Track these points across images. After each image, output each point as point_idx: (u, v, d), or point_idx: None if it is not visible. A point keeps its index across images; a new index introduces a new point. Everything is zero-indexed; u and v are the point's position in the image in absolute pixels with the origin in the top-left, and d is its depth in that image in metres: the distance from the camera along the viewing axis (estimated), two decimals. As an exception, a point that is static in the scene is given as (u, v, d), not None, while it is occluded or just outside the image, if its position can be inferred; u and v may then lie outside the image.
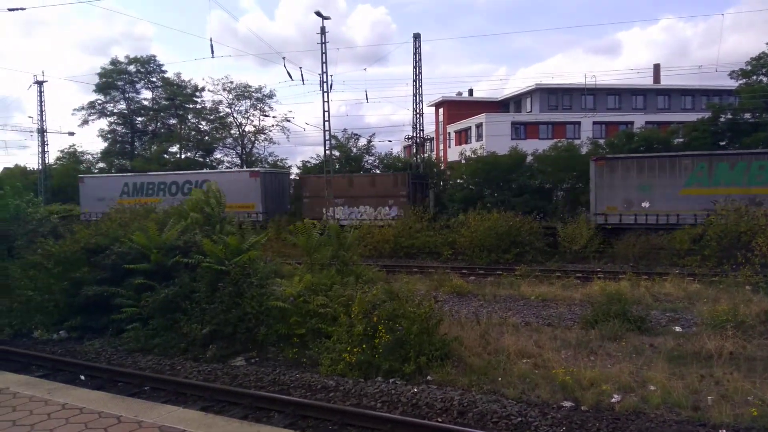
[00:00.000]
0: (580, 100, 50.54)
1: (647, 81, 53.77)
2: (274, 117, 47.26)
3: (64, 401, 6.31)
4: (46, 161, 51.51)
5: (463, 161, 37.39)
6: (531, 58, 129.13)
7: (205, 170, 40.86)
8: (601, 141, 35.38)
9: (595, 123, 47.00)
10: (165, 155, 46.22)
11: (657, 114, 49.26)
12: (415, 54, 36.04)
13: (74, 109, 68.13)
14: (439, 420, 7.21)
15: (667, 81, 53.98)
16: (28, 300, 12.36)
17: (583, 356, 9.54)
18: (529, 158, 31.68)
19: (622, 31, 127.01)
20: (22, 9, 27.45)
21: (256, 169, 35.20)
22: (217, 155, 48.56)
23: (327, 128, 29.57)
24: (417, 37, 36.14)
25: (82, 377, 9.40)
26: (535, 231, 22.47)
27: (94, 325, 11.83)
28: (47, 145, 48.72)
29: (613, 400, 7.66)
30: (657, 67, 55.45)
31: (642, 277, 16.74)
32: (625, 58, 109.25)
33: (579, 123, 47.41)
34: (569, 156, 29.36)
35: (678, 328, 11.63)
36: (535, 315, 13.25)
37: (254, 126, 47.45)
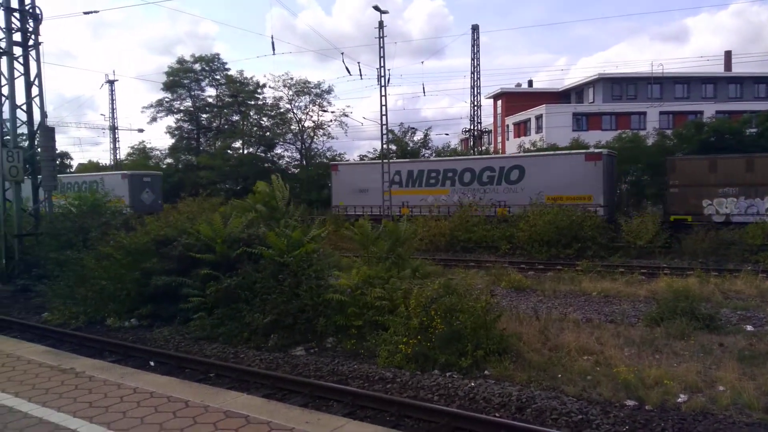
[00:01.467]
0: (645, 90, 48.84)
1: (718, 69, 51.36)
2: (332, 112, 47.72)
3: (135, 385, 6.64)
4: (118, 157, 53.88)
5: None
6: (593, 47, 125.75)
7: (515, 153, 35.26)
8: (669, 132, 34.13)
9: (662, 113, 45.34)
10: (228, 151, 47.46)
11: (728, 103, 47.03)
12: (473, 46, 35.76)
13: (143, 107, 70.99)
14: (497, 415, 7.18)
15: (738, 68, 51.58)
16: (102, 289, 12.93)
17: (647, 354, 9.29)
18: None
19: (690, 17, 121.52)
20: (95, 12, 28.66)
21: (596, 150, 27.04)
22: (278, 150, 49.51)
23: (384, 122, 29.69)
24: (475, 28, 35.86)
25: (152, 363, 9.82)
26: (598, 225, 21.96)
27: (163, 314, 12.32)
28: (118, 141, 50.98)
29: (679, 399, 7.43)
30: (728, 54, 52.97)
31: (711, 274, 16.14)
32: (693, 45, 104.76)
33: (645, 113, 45.88)
34: (634, 147, 28.45)
35: (750, 327, 11.17)
36: (597, 311, 12.97)
37: (313, 121, 48.10)
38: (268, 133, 49.01)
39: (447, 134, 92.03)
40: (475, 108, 36.92)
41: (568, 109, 49.27)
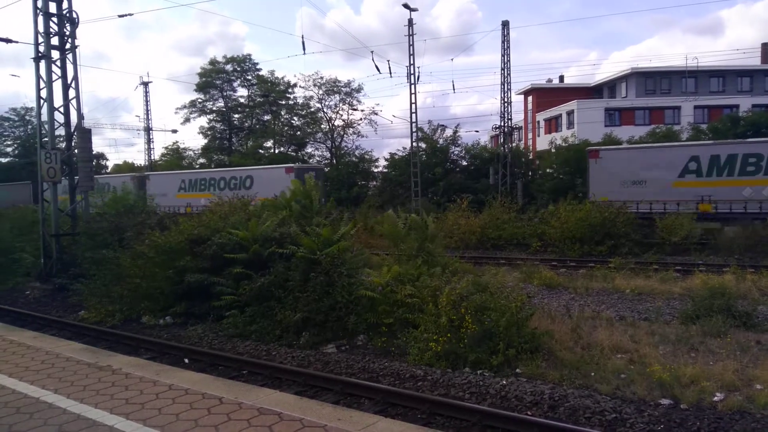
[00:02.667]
0: (679, 84, 47.81)
1: (754, 61, 49.96)
2: (362, 111, 47.88)
3: (170, 382, 6.77)
4: (152, 157, 54.96)
5: (552, 150, 36.38)
6: (625, 41, 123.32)
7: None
8: (704, 126, 33.40)
9: (696, 107, 44.31)
10: (260, 150, 48.02)
11: (765, 96, 45.75)
12: (503, 42, 35.39)
13: (177, 108, 72.24)
14: (529, 413, 7.12)
15: (776, 61, 50.00)
16: (137, 288, 13.17)
17: (682, 353, 9.10)
18: (624, 145, 30.37)
19: (725, 9, 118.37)
20: (130, 15, 29.19)
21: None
22: (308, 149, 49.89)
23: (414, 120, 29.65)
24: (505, 24, 35.46)
25: (186, 360, 9.98)
26: (631, 222, 21.58)
27: (196, 312, 12.51)
28: (152, 142, 51.97)
29: (715, 398, 7.27)
30: (765, 47, 51.45)
31: (748, 271, 15.72)
32: (728, 37, 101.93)
33: (679, 108, 44.87)
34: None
35: (790, 325, 10.84)
36: (631, 309, 12.76)
37: (343, 120, 48.33)
38: (298, 133, 49.43)
39: (477, 131, 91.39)
40: (505, 104, 36.55)
41: (600, 104, 48.53)
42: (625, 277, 15.96)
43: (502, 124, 36.79)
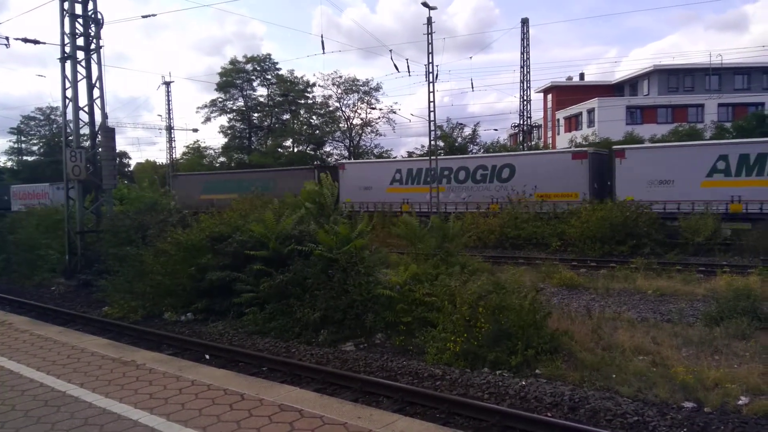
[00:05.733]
0: (703, 81, 47.15)
1: (780, 58, 49.06)
2: (380, 109, 47.99)
3: (193, 378, 6.85)
4: (173, 156, 55.58)
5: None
6: (646, 38, 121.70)
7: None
8: (728, 124, 32.89)
9: (720, 105, 43.65)
10: (279, 149, 48.32)
11: (792, 94, 44.91)
12: (522, 39, 35.28)
13: (198, 107, 73.00)
14: (549, 415, 7.09)
15: (804, 57, 49.05)
16: (159, 284, 13.34)
17: (706, 355, 8.98)
18: (648, 144, 29.97)
19: (749, 4, 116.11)
20: (153, 15, 29.60)
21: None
22: (327, 148, 50.12)
23: (432, 119, 29.61)
24: (525, 22, 35.36)
25: (207, 356, 10.10)
26: (654, 221, 21.33)
27: (217, 309, 12.64)
28: (174, 141, 52.56)
29: (740, 402, 7.17)
30: (793, 43, 50.48)
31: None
32: (752, 33, 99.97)
33: (702, 105, 44.27)
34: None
35: (817, 328, 10.64)
36: (653, 310, 12.62)
37: (361, 119, 48.47)
38: (317, 131, 49.64)
39: (496, 129, 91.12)
40: (525, 103, 36.40)
41: (621, 102, 48.02)
42: (647, 277, 15.77)
43: (522, 122, 36.66)
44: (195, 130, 62.62)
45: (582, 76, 59.06)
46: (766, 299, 12.36)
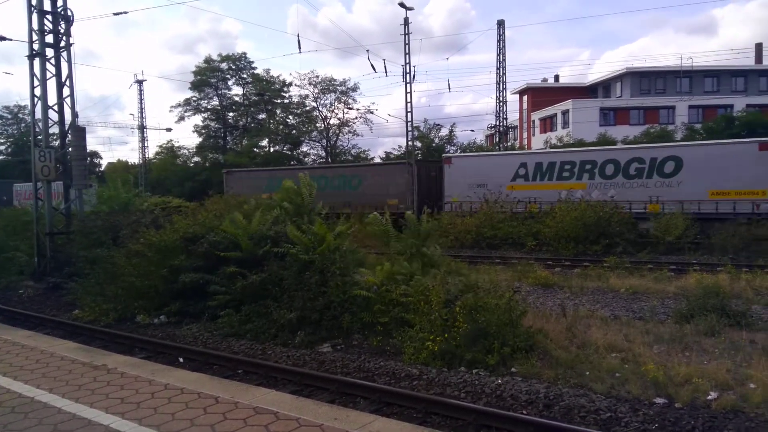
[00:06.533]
0: (674, 84, 48.05)
1: (748, 61, 50.22)
2: (357, 109, 47.95)
3: (166, 382, 6.76)
4: (146, 156, 54.84)
5: (547, 149, 36.49)
6: (618, 40, 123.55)
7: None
8: (698, 126, 33.55)
9: (691, 107, 44.54)
10: (255, 149, 47.96)
11: (759, 96, 45.99)
12: (498, 41, 35.56)
13: (171, 107, 72.24)
14: (524, 412, 7.14)
15: (769, 61, 50.30)
16: (131, 286, 13.09)
17: (676, 352, 9.14)
18: (619, 144, 30.39)
19: (717, 8, 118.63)
20: (125, 12, 29.18)
21: None
22: (304, 148, 49.90)
23: (410, 119, 29.69)
24: (501, 23, 35.66)
25: (181, 359, 9.95)
26: (626, 221, 21.65)
27: (191, 311, 12.47)
28: (147, 140, 51.86)
29: (710, 397, 7.30)
30: (758, 47, 51.79)
31: (743, 270, 15.81)
32: (721, 37, 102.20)
33: (673, 107, 45.13)
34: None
35: (782, 324, 10.89)
36: (625, 308, 12.81)
37: (339, 119, 48.36)
38: (294, 131, 49.39)
39: (472, 130, 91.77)
40: (501, 104, 36.68)
41: (594, 103, 48.77)
42: (619, 276, 16.03)
43: (498, 123, 36.93)
44: (168, 130, 62.27)
45: (557, 77, 59.80)
46: (735, 296, 12.66)
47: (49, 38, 17.81)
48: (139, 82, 54.85)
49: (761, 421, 6.67)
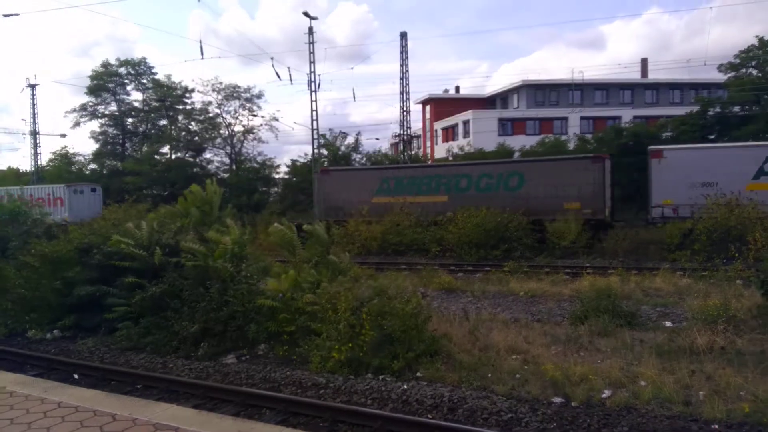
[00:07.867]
0: (567, 96, 50.83)
1: (635, 75, 54.19)
2: (262, 117, 47.11)
3: (59, 400, 6.36)
4: (39, 163, 51.27)
5: (449, 158, 37.53)
6: (515, 54, 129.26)
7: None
8: (589, 136, 35.66)
9: (582, 118, 47.28)
10: (156, 156, 46.05)
11: (645, 108, 49.69)
12: (401, 52, 36.23)
13: (66, 112, 67.91)
14: (429, 416, 7.30)
15: (654, 75, 54.49)
16: (22, 299, 12.38)
17: (572, 352, 9.61)
18: (516, 154, 31.77)
19: (606, 25, 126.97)
20: (16, 15, 27.23)
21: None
22: (207, 155, 48.44)
23: (315, 127, 29.61)
24: (404, 35, 36.36)
25: (76, 376, 9.42)
26: (524, 227, 22.56)
27: (87, 324, 11.84)
28: (39, 147, 48.56)
29: (604, 395, 7.72)
30: (644, 62, 55.98)
31: (632, 272, 16.79)
32: (609, 52, 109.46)
33: (566, 118, 47.71)
34: (556, 152, 29.56)
35: (668, 323, 11.67)
36: (525, 311, 13.34)
37: (243, 126, 47.35)
38: (196, 138, 47.86)
39: (377, 139, 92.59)
40: (405, 113, 37.41)
41: (493, 114, 50.69)
42: (519, 280, 16.64)
43: (402, 132, 37.57)
44: (63, 136, 58.72)
45: (457, 89, 61.64)
46: (625, 297, 13.46)
47: None
48: (32, 86, 51.30)
49: (652, 416, 7.12)
